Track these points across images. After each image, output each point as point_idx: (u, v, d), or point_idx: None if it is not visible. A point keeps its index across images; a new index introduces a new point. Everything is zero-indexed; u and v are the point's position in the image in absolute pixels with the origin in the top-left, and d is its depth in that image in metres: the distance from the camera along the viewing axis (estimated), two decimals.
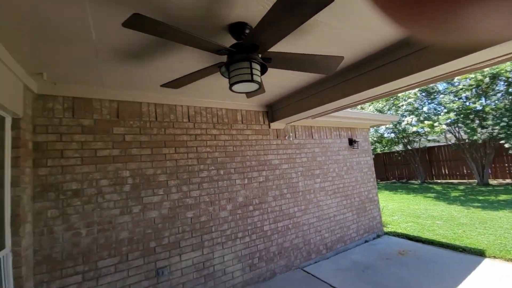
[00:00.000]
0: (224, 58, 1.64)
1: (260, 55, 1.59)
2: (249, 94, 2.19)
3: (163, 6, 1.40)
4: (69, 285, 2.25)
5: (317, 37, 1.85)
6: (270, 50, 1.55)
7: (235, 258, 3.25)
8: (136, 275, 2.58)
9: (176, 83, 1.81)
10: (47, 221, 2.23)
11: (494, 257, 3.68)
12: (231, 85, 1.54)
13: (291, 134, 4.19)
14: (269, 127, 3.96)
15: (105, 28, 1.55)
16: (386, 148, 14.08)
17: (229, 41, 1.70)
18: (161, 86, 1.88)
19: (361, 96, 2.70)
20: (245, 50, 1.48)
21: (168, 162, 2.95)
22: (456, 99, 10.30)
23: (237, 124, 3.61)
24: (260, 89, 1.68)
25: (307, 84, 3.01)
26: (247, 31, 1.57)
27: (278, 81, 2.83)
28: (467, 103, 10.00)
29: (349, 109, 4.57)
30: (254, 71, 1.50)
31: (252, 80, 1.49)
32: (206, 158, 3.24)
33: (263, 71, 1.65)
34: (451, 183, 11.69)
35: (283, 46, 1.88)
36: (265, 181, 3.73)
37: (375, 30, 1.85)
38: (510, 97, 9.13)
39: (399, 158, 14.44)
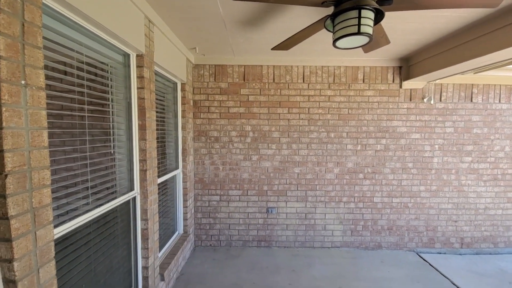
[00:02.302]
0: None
1: None
2: (366, 48, 1.86)
3: None
4: (212, 201, 3.30)
5: None
6: None
7: (337, 219, 3.32)
8: (253, 207, 3.31)
9: (284, 45, 1.85)
10: (201, 156, 3.26)
11: None
12: (334, 41, 1.38)
13: (432, 95, 3.20)
14: (400, 86, 3.22)
15: (227, 1, 1.79)
16: None
17: None
18: (272, 49, 1.99)
19: None
20: None
21: (281, 121, 3.23)
22: None
23: (357, 84, 3.21)
24: (372, 42, 1.40)
25: (465, 24, 2.08)
26: None
27: (416, 26, 2.15)
28: None
29: None
30: (364, 21, 1.25)
31: (359, 33, 1.26)
32: (317, 120, 3.23)
33: (379, 18, 1.34)
34: None
35: None
36: (383, 150, 3.26)
37: None
38: None
39: None
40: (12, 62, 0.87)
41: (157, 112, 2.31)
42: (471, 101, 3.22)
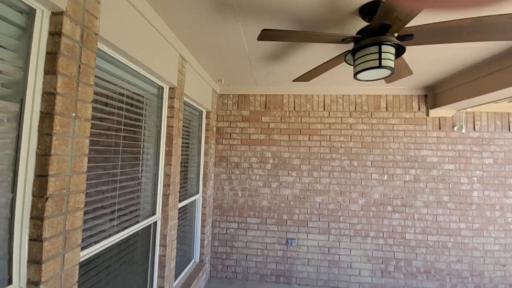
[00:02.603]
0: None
1: (396, 34, 1.32)
2: (388, 79, 1.86)
3: (293, 11, 1.52)
4: (230, 228, 3.23)
5: None
6: (409, 25, 1.25)
7: (364, 256, 3.04)
8: (272, 237, 3.17)
9: (305, 77, 1.92)
10: (221, 181, 3.28)
11: None
12: (355, 74, 1.41)
13: (464, 124, 3.03)
14: (427, 114, 3.10)
15: (253, 41, 1.94)
16: None
17: (361, 24, 1.55)
18: (293, 81, 2.07)
19: None
20: (374, 33, 1.29)
21: (302, 148, 3.21)
22: None
23: (380, 112, 3.15)
24: (393, 74, 1.41)
25: (494, 54, 2.02)
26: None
27: (440, 57, 2.13)
28: None
29: None
30: (384, 55, 1.27)
31: (380, 66, 1.28)
32: (339, 148, 3.17)
33: (400, 52, 1.36)
34: None
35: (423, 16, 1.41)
36: (413, 181, 3.05)
37: None
38: None
39: None
40: (67, 98, 1.00)
41: (182, 138, 2.43)
42: (509, 130, 2.97)
